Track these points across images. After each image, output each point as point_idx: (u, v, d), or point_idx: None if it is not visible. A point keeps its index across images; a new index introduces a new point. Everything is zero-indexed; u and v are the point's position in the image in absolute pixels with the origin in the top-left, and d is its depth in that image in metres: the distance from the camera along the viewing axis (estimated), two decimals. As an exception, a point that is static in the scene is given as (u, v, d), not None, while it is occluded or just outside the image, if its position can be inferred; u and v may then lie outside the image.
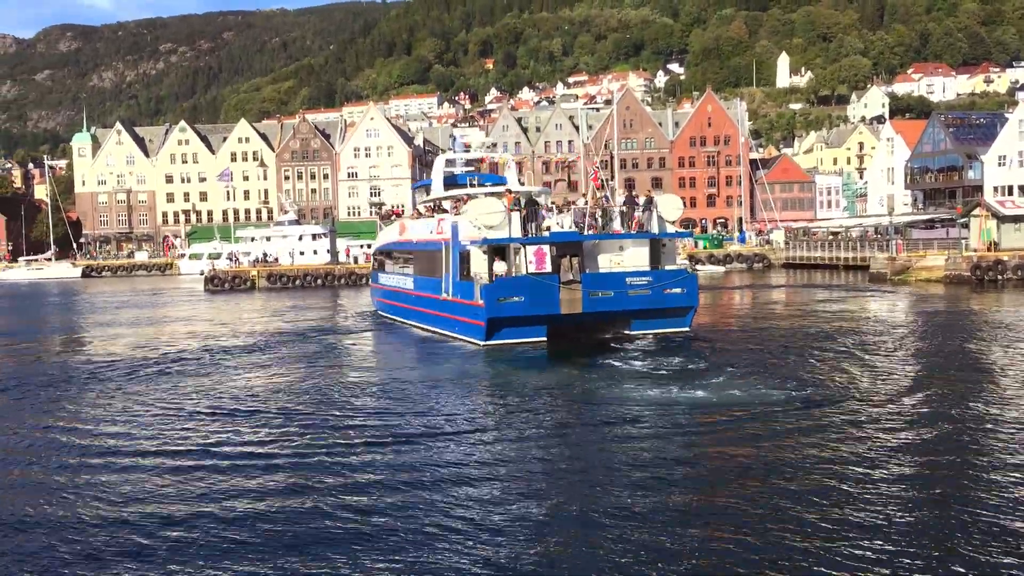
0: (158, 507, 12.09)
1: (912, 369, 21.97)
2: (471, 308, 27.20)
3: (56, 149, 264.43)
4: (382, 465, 13.86)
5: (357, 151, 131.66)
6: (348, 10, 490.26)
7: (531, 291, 26.04)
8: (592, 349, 25.92)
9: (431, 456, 14.36)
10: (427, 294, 32.13)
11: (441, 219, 31.73)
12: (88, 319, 46.44)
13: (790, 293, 52.04)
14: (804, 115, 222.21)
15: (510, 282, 26.21)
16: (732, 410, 17.02)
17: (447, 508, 11.56)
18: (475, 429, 16.34)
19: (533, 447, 14.82)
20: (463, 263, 28.29)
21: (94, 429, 17.27)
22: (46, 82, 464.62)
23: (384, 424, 16.96)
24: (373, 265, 44.45)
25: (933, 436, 14.83)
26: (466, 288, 27.78)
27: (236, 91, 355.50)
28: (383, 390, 20.92)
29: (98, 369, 25.60)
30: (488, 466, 13.65)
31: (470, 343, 27.66)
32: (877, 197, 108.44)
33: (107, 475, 13.83)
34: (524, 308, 26.03)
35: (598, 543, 10.20)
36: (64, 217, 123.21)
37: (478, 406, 18.90)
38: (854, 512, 10.97)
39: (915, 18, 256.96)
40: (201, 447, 15.51)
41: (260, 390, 21.39)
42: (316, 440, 15.72)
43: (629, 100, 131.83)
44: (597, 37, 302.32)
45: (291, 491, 12.58)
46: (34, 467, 14.61)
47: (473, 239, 27.33)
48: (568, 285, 26.72)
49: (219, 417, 18.12)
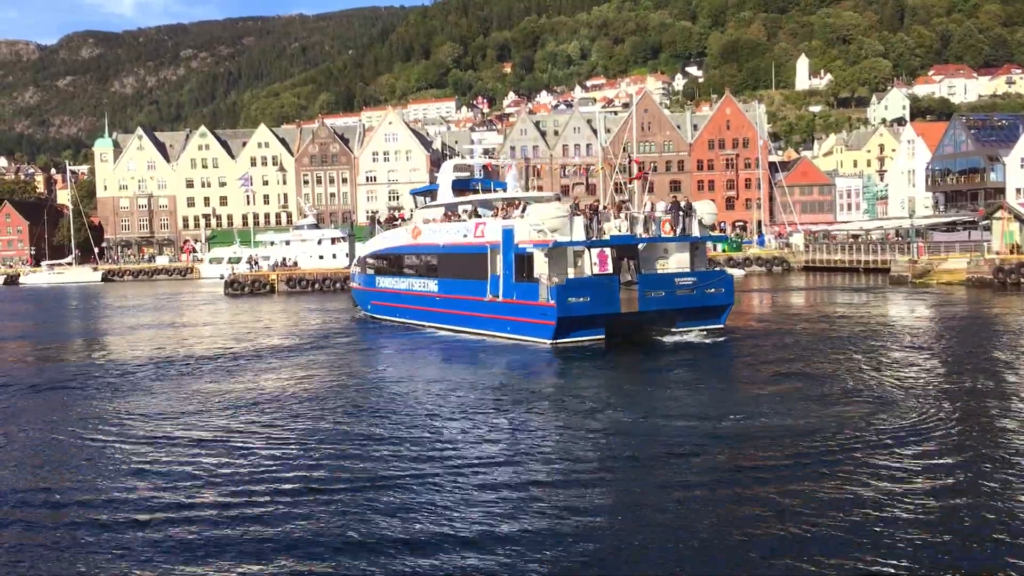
0: (193, 508, 12.17)
1: (941, 373, 21.80)
2: (536, 308, 28.08)
3: (78, 155, 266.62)
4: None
5: (376, 155, 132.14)
6: (366, 15, 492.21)
7: (596, 291, 27.58)
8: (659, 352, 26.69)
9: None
10: (461, 296, 32.65)
11: (480, 223, 32.35)
12: (108, 323, 46.81)
13: (812, 296, 51.72)
14: (824, 117, 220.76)
15: (578, 283, 27.67)
16: (794, 439, 16.74)
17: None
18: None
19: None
20: (521, 265, 29.05)
21: (112, 428, 17.41)
22: (68, 88, 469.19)
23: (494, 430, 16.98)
24: (360, 269, 43.55)
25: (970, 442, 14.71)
26: (527, 289, 28.64)
27: (256, 96, 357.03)
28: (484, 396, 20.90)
29: (120, 372, 25.79)
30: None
31: (533, 343, 28.29)
32: (898, 200, 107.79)
33: (123, 475, 13.94)
34: (589, 308, 27.45)
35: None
36: (86, 222, 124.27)
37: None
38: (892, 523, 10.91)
39: (935, 19, 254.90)
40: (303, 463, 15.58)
41: (340, 395, 20.90)
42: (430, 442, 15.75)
43: (647, 103, 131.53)
44: (615, 40, 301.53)
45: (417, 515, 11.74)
46: (41, 469, 14.74)
47: (536, 242, 28.26)
48: (627, 286, 28.17)
49: (293, 428, 18.18)
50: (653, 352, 27.01)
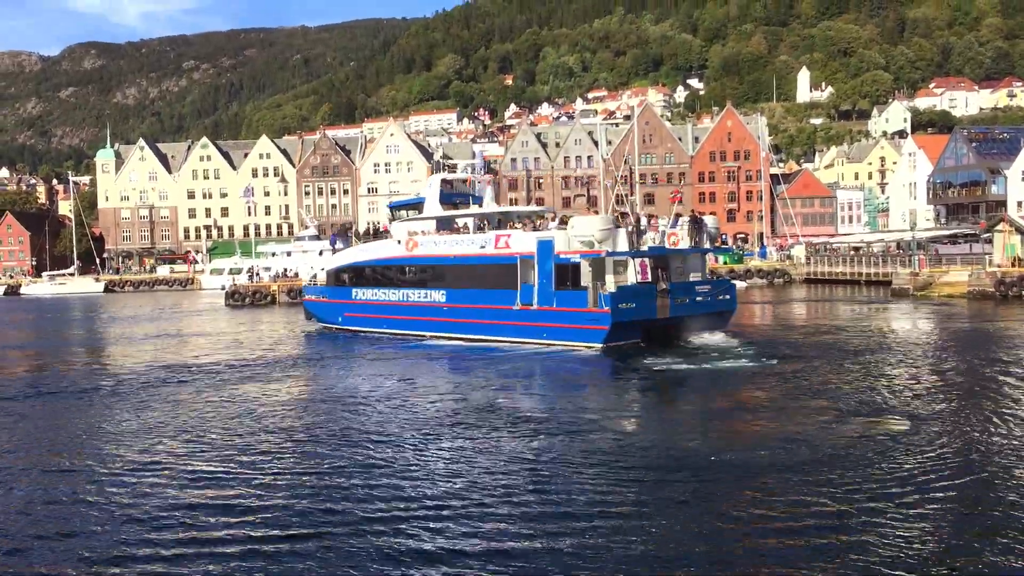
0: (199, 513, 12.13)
1: (945, 383, 21.75)
2: (587, 315, 30.36)
3: (80, 165, 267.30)
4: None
5: (377, 167, 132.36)
6: (368, 27, 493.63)
7: (639, 299, 30.21)
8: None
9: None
10: (477, 305, 34.18)
11: (503, 235, 34.01)
12: (110, 332, 46.82)
13: (813, 309, 51.65)
14: (825, 130, 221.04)
15: (628, 290, 30.30)
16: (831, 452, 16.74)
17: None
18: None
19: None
20: (564, 274, 31.24)
21: (110, 435, 17.37)
22: (70, 99, 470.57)
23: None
24: (328, 281, 43.12)
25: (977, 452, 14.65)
26: (572, 297, 30.88)
27: (258, 108, 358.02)
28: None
29: (120, 382, 25.78)
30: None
31: (581, 347, 30.28)
32: (899, 212, 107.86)
33: (121, 483, 13.90)
34: (634, 313, 30.03)
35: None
36: (88, 232, 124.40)
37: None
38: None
39: (936, 32, 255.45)
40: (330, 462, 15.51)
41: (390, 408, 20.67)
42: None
43: (649, 115, 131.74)
44: (616, 53, 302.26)
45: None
46: (41, 476, 14.70)
47: (585, 252, 30.75)
48: (662, 294, 30.81)
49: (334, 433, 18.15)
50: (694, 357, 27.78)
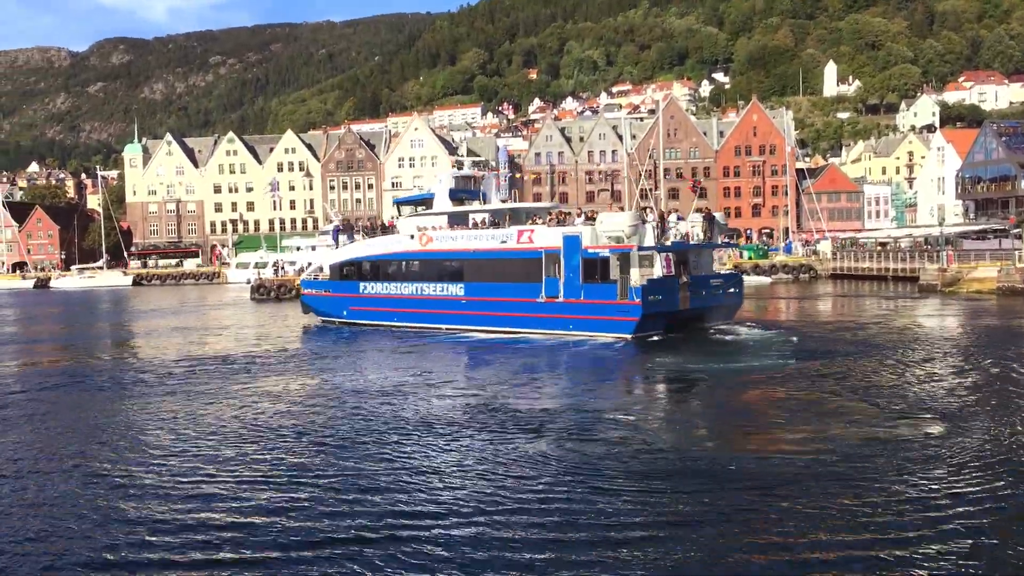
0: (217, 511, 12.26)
1: (977, 381, 21.57)
2: (617, 307, 31.55)
3: (108, 160, 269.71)
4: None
5: (401, 161, 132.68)
6: (393, 22, 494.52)
7: (665, 291, 31.45)
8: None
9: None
10: (499, 298, 35.13)
11: (526, 230, 34.78)
12: (141, 326, 47.38)
13: (840, 304, 51.26)
14: (852, 124, 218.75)
15: (657, 283, 31.34)
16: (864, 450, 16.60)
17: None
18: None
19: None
20: (592, 268, 32.31)
21: (136, 428, 17.58)
22: (99, 94, 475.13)
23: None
24: (331, 276, 43.31)
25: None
26: (601, 289, 32.05)
27: (283, 102, 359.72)
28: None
29: (149, 375, 26.09)
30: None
31: (611, 337, 31.37)
32: (927, 207, 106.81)
33: (144, 475, 14.06)
34: (661, 306, 31.39)
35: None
36: (116, 226, 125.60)
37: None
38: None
39: (966, 25, 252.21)
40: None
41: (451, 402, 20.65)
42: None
43: (673, 109, 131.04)
44: (641, 47, 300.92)
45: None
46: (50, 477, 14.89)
47: (614, 247, 31.84)
48: (683, 287, 32.07)
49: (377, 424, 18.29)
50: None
